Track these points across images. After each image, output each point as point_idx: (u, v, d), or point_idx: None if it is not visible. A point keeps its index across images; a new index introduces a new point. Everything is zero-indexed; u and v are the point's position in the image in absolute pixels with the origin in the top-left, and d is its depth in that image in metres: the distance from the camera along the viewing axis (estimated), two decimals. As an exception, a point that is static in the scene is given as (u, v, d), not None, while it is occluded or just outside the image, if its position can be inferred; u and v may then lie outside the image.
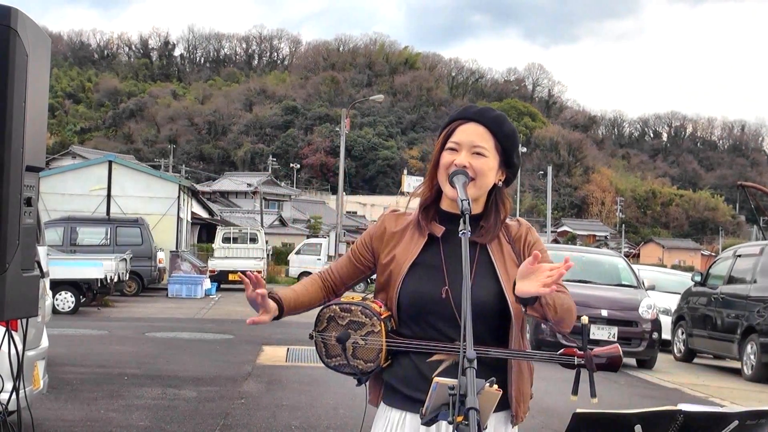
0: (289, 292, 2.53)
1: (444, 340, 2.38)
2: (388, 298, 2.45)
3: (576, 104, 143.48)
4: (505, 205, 2.48)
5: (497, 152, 2.42)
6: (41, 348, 6.06)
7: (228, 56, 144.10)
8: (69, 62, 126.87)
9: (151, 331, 14.47)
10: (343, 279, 2.60)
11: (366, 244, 2.56)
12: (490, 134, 2.41)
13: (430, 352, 2.38)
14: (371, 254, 2.55)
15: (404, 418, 2.39)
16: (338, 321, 2.44)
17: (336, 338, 2.41)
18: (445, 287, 2.38)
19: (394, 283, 2.43)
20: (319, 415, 7.60)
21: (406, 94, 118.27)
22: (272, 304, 2.43)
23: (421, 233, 2.46)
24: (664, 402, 7.56)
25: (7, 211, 2.98)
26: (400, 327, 2.44)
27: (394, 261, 2.46)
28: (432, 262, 2.42)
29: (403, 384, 2.40)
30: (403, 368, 2.41)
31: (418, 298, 2.39)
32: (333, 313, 2.45)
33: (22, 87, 3.01)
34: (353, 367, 2.42)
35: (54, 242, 22.68)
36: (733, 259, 14.13)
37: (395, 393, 2.43)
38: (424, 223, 2.46)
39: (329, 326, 2.45)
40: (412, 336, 2.42)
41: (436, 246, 2.44)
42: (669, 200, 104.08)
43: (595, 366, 2.38)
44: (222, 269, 30.11)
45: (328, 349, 2.46)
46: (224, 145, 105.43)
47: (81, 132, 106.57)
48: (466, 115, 2.44)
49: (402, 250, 2.46)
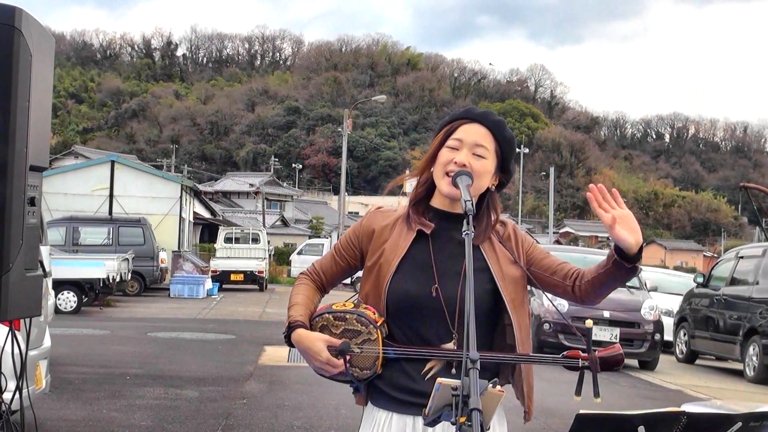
0: (305, 310, 2.45)
1: (433, 339, 2.37)
2: (376, 296, 2.42)
3: (578, 105, 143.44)
4: (495, 210, 2.48)
5: (496, 156, 2.43)
6: (44, 348, 6.07)
7: (230, 56, 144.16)
8: (72, 62, 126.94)
9: (153, 331, 14.48)
10: (329, 279, 2.58)
11: (351, 242, 2.53)
12: (492, 137, 2.42)
13: (425, 358, 2.36)
14: (358, 251, 2.52)
15: (390, 419, 2.38)
16: (332, 330, 2.39)
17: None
18: (434, 285, 2.37)
19: (382, 279, 2.40)
20: (320, 416, 7.61)
21: (409, 95, 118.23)
22: (320, 342, 2.37)
23: (410, 228, 2.44)
24: (666, 403, 7.56)
25: (10, 211, 2.98)
26: (390, 329, 2.41)
27: (383, 257, 2.42)
28: (421, 259, 2.40)
29: (389, 385, 2.39)
30: (389, 370, 2.39)
31: (407, 296, 2.37)
32: (326, 321, 2.40)
33: (26, 87, 3.01)
34: (349, 375, 2.39)
35: (56, 242, 22.70)
36: (735, 260, 14.13)
37: (381, 394, 2.41)
38: (416, 218, 2.45)
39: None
40: (402, 337, 2.40)
41: (425, 242, 2.42)
42: (671, 201, 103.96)
43: (599, 367, 2.38)
44: (224, 269, 30.11)
45: None
46: (226, 145, 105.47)
47: (83, 132, 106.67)
48: (470, 116, 2.45)
49: (391, 246, 2.43)
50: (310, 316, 2.44)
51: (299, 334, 2.37)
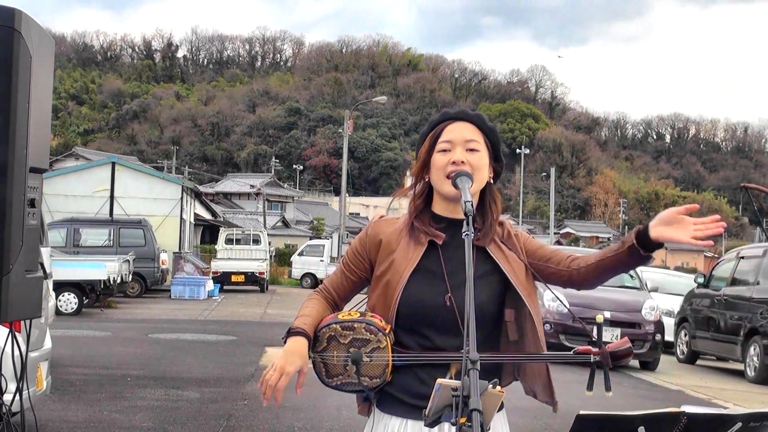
0: (310, 320, 2.42)
1: (447, 347, 2.36)
2: (385, 307, 2.40)
3: (579, 106, 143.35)
4: (496, 202, 2.50)
5: (487, 147, 2.45)
6: (44, 349, 6.07)
7: (231, 58, 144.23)
8: (72, 63, 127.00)
9: (154, 332, 14.48)
10: (341, 295, 2.54)
11: (359, 253, 2.50)
12: (478, 129, 2.45)
13: (435, 364, 2.35)
14: (367, 263, 2.48)
15: (405, 426, 2.36)
16: (340, 340, 2.38)
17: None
18: (448, 294, 2.36)
19: (393, 291, 2.38)
20: (321, 417, 7.61)
21: (409, 96, 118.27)
22: (302, 360, 2.37)
23: (418, 240, 2.42)
24: (666, 404, 7.56)
25: (11, 213, 2.98)
26: (399, 337, 2.40)
27: (391, 268, 2.40)
28: (432, 268, 2.39)
29: (403, 392, 2.38)
30: (402, 376, 2.38)
31: (421, 306, 2.36)
32: (334, 332, 2.38)
33: (26, 88, 3.01)
34: (359, 384, 2.38)
35: (57, 243, 22.69)
36: (736, 260, 14.12)
37: (394, 401, 2.39)
38: (424, 229, 2.42)
39: (329, 346, 2.39)
40: (414, 346, 2.39)
41: (435, 252, 2.41)
42: (672, 202, 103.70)
43: (610, 361, 2.41)
44: (225, 270, 30.11)
45: (329, 369, 2.41)
46: (227, 147, 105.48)
47: (84, 133, 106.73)
48: (449, 116, 2.47)
49: (400, 257, 2.41)
50: (315, 327, 2.41)
51: (293, 341, 2.36)
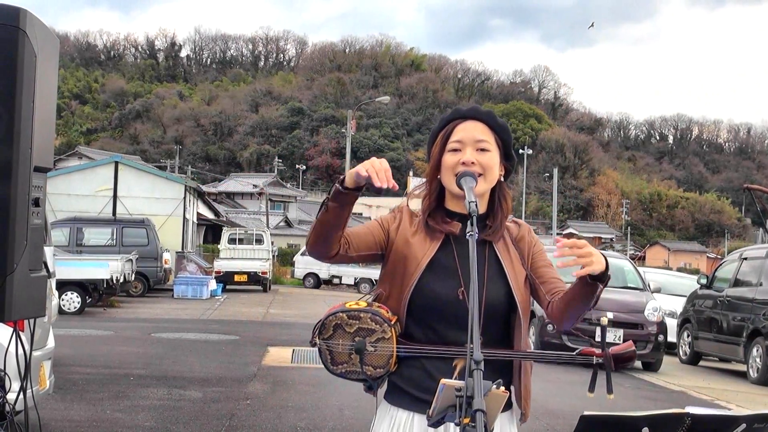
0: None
1: (456, 341, 2.37)
2: (399, 296, 2.41)
3: (582, 106, 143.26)
4: (507, 200, 2.50)
5: (498, 146, 2.45)
6: (47, 348, 6.07)
7: (234, 57, 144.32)
8: (75, 63, 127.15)
9: (157, 331, 14.48)
10: (354, 240, 2.46)
11: (384, 227, 2.49)
12: (489, 128, 2.45)
13: (441, 356, 2.37)
14: (386, 235, 2.48)
15: (412, 419, 2.38)
16: (345, 329, 2.40)
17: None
18: (461, 288, 2.37)
19: (407, 281, 2.40)
20: (324, 417, 7.61)
21: (412, 96, 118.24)
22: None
23: (434, 235, 2.44)
24: (669, 405, 7.55)
25: (15, 212, 2.98)
26: (409, 329, 2.42)
27: (407, 258, 2.42)
28: (446, 262, 2.41)
29: (411, 385, 2.39)
30: (411, 369, 2.39)
31: (435, 298, 2.38)
32: (340, 320, 2.41)
33: (31, 88, 3.01)
34: (362, 373, 2.39)
35: (60, 243, 22.72)
36: (738, 261, 14.11)
37: (402, 393, 2.41)
38: (440, 225, 2.44)
39: (335, 334, 2.41)
40: (423, 338, 2.40)
41: (449, 246, 2.43)
42: (675, 203, 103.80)
43: (613, 364, 2.41)
44: (228, 270, 30.11)
45: (334, 357, 2.42)
46: (230, 146, 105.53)
47: (87, 133, 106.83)
48: (461, 114, 2.47)
49: (417, 248, 2.42)
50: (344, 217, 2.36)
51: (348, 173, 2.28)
